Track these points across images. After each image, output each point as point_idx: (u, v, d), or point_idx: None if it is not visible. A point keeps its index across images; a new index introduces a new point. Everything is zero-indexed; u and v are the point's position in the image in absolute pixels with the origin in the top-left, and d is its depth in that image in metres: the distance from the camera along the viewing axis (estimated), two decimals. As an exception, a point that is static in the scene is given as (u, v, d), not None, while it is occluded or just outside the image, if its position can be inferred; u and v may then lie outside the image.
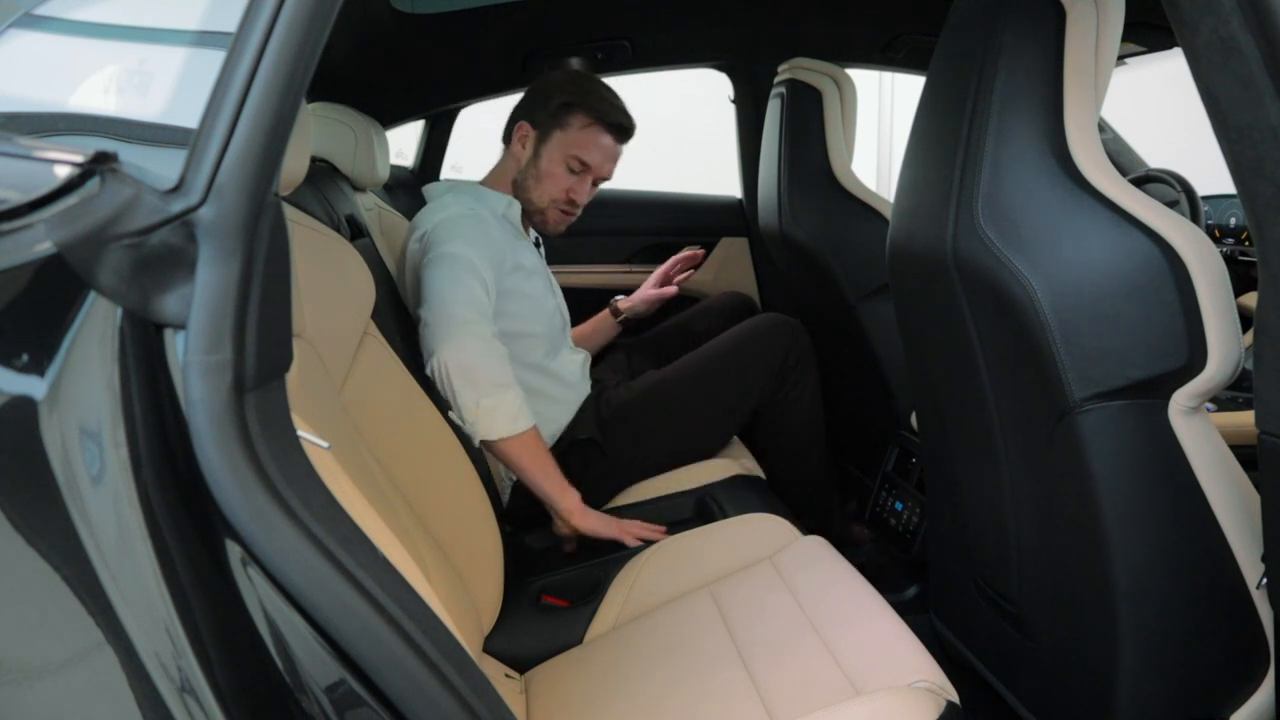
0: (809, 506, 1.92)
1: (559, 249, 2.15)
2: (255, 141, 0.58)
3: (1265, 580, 0.94)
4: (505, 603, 1.33)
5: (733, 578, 1.27)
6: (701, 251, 2.15)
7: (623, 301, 2.13)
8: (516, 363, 1.54)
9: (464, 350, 1.41)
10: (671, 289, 2.11)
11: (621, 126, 1.70)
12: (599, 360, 2.05)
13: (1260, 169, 0.78)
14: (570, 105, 1.66)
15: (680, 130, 4.19)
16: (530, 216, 1.74)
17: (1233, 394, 1.60)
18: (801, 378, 1.83)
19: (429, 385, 1.41)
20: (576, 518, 1.49)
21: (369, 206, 1.88)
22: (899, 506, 1.86)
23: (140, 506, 0.56)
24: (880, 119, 4.95)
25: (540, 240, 1.87)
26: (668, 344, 2.09)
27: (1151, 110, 2.90)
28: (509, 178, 1.72)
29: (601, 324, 2.12)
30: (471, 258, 1.50)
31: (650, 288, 2.13)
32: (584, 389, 1.79)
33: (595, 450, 1.68)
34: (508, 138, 1.73)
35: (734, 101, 2.61)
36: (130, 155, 0.58)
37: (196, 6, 0.68)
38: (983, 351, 1.16)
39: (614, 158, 1.73)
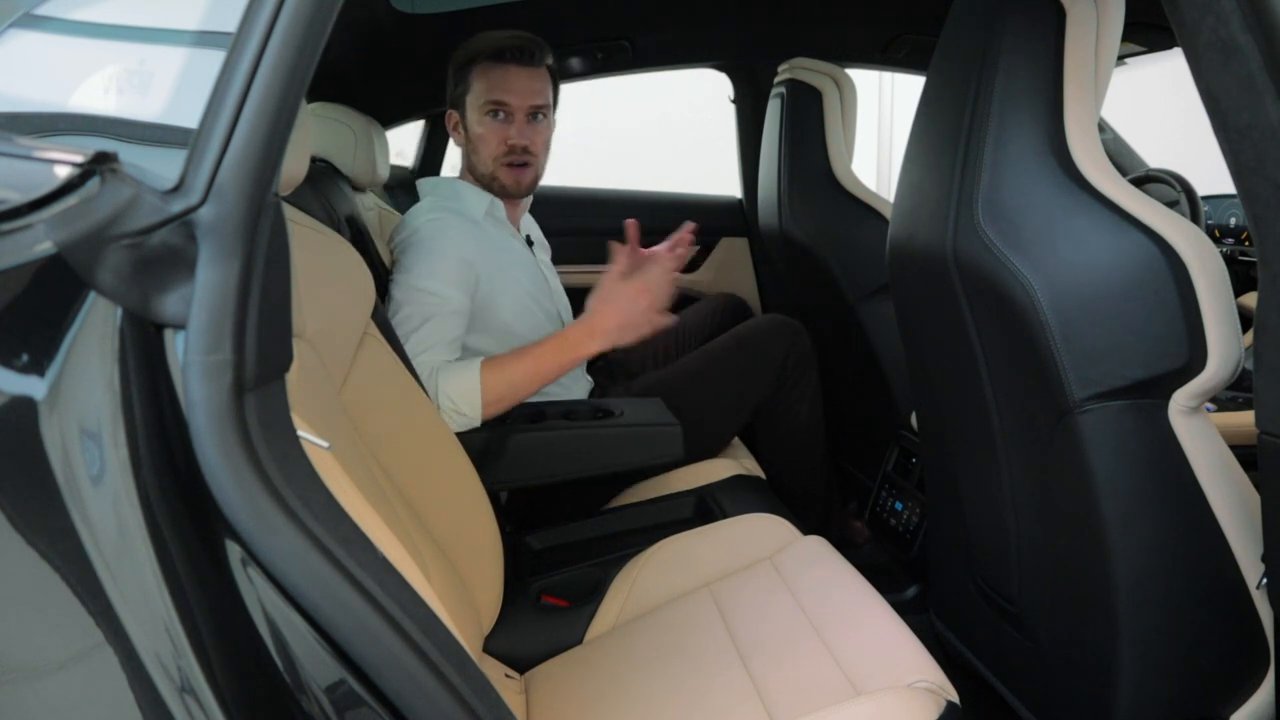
0: (809, 506, 1.92)
1: (559, 249, 2.15)
2: (255, 142, 0.58)
3: (1265, 580, 0.94)
4: (505, 603, 1.33)
5: (733, 578, 1.27)
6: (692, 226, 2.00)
7: None
8: None
9: (420, 370, 1.42)
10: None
11: (513, 49, 1.60)
12: (597, 359, 2.04)
13: (1260, 169, 0.78)
14: (462, 67, 1.63)
15: (683, 133, 4.19)
16: (494, 190, 1.68)
17: (1233, 394, 1.60)
18: (802, 379, 1.83)
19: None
20: (598, 343, 1.48)
21: (369, 206, 1.88)
22: (899, 506, 1.86)
23: (140, 506, 0.55)
24: (880, 119, 4.95)
25: (533, 239, 1.85)
26: (662, 344, 2.08)
27: (1151, 110, 2.90)
28: (467, 170, 1.70)
29: None
30: (427, 287, 1.49)
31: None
32: (583, 388, 1.79)
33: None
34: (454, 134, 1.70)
35: (734, 101, 2.61)
36: (130, 155, 0.58)
37: (196, 6, 0.68)
38: (983, 351, 1.16)
39: (528, 81, 1.61)
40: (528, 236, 1.81)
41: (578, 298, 2.05)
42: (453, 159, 2.48)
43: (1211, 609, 1.05)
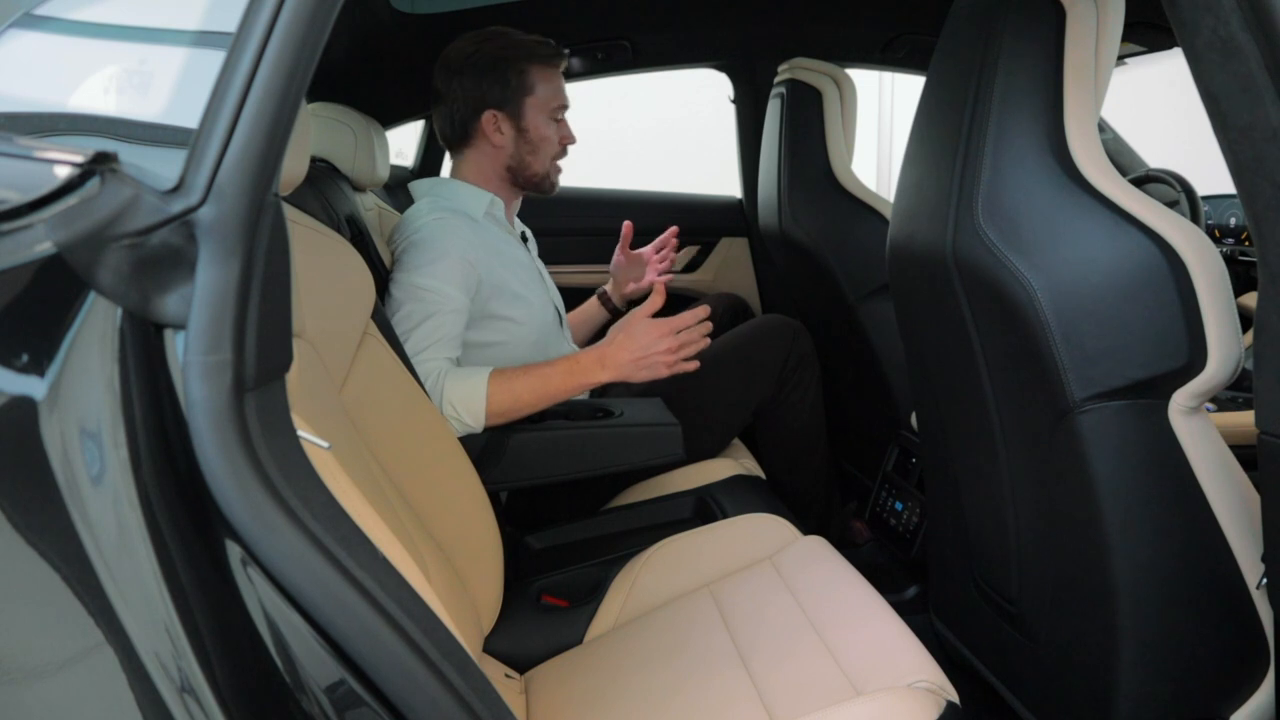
0: (809, 506, 1.92)
1: (558, 248, 2.15)
2: (255, 142, 0.58)
3: (1265, 580, 0.94)
4: (505, 603, 1.33)
5: (733, 578, 1.27)
6: (675, 229, 1.97)
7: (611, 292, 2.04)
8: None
9: (422, 370, 1.43)
10: (659, 281, 1.92)
11: (560, 54, 1.68)
12: None
13: (1260, 169, 0.78)
14: (521, 70, 1.62)
15: (681, 134, 4.19)
16: (537, 187, 1.70)
17: (1233, 394, 1.60)
18: (803, 379, 1.83)
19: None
20: (609, 374, 1.47)
21: (369, 206, 1.88)
22: (899, 506, 1.86)
23: (140, 506, 0.55)
24: (880, 119, 4.95)
25: (527, 235, 1.85)
26: None
27: (1151, 110, 2.90)
28: (494, 170, 1.67)
29: (589, 315, 2.06)
30: (428, 285, 1.49)
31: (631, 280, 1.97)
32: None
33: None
34: (471, 134, 1.64)
35: (734, 101, 2.61)
36: (130, 155, 0.58)
37: (196, 6, 0.68)
38: (983, 351, 1.16)
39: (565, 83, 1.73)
40: (523, 233, 1.81)
41: (576, 297, 2.05)
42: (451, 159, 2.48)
43: (1211, 609, 1.05)
